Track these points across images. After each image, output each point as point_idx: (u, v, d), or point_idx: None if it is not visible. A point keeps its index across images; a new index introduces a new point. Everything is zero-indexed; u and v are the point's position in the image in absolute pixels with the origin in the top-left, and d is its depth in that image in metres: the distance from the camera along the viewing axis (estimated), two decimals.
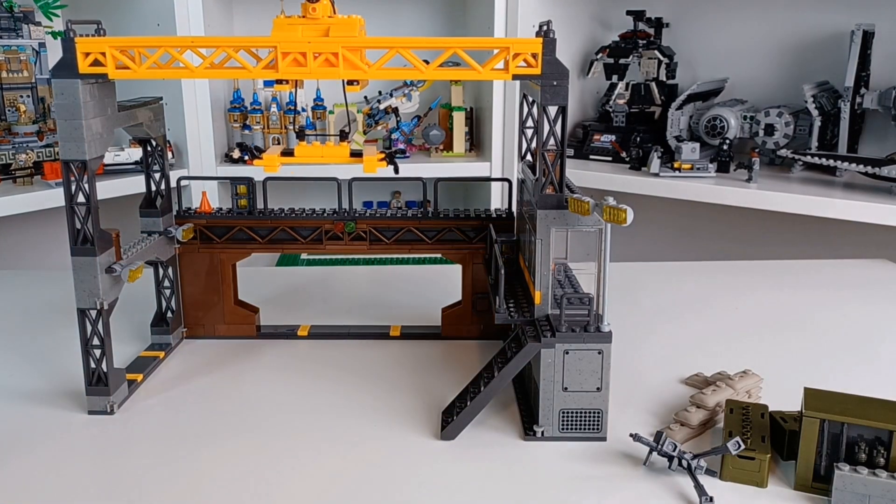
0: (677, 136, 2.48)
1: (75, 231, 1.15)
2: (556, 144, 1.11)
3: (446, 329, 1.49)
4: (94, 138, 1.12)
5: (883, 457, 0.95)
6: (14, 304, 1.71)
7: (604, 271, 1.08)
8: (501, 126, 2.56)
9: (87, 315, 1.17)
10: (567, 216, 1.10)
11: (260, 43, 1.10)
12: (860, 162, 2.19)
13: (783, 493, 0.99)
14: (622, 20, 2.71)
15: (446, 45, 1.09)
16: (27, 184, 2.22)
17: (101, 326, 1.17)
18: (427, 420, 1.18)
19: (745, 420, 1.07)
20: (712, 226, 2.79)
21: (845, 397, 1.00)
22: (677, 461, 1.01)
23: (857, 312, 1.64)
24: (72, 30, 1.09)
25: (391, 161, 1.24)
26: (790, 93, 2.54)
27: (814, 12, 2.55)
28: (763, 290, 1.78)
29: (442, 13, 2.89)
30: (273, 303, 1.64)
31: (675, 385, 1.30)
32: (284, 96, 2.65)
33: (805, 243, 2.59)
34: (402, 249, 1.45)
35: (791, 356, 1.42)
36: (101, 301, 1.16)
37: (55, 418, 1.20)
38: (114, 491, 1.02)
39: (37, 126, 2.31)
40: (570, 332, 1.09)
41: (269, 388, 1.30)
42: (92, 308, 1.17)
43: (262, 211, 1.45)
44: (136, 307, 1.51)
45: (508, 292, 1.24)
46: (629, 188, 2.42)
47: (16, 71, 2.30)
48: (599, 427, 1.12)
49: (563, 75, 1.08)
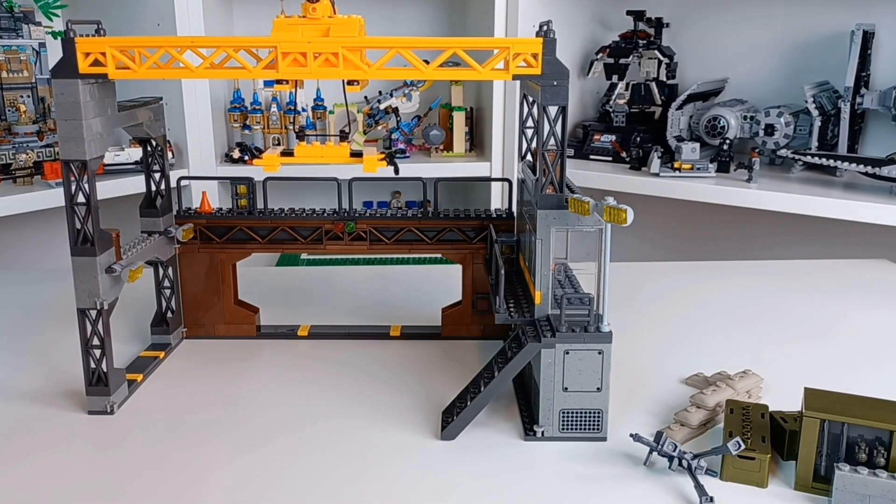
0: (677, 136, 2.48)
1: (75, 231, 1.15)
2: (556, 144, 1.11)
3: (446, 329, 1.49)
4: (94, 138, 1.12)
5: (883, 457, 0.95)
6: (14, 304, 1.71)
7: (604, 271, 1.08)
8: (501, 126, 2.56)
9: (87, 315, 1.17)
10: (567, 216, 1.10)
11: (260, 43, 1.10)
12: (860, 162, 2.19)
13: (783, 493, 0.99)
14: (622, 20, 2.71)
15: (446, 45, 1.09)
16: (27, 184, 2.22)
17: (101, 326, 1.17)
18: (427, 420, 1.18)
19: (745, 420, 1.07)
20: (712, 226, 2.79)
21: (845, 397, 1.00)
22: (677, 461, 1.01)
23: (858, 312, 1.64)
24: (72, 30, 1.09)
25: (391, 161, 1.24)
26: (790, 93, 2.53)
27: (814, 12, 2.54)
28: (763, 290, 1.78)
29: (442, 13, 2.89)
30: (273, 303, 1.64)
31: (675, 385, 1.30)
32: (284, 96, 2.65)
33: (805, 243, 2.59)
34: (402, 249, 1.45)
35: (791, 356, 1.42)
36: (101, 301, 1.16)
37: (55, 418, 1.20)
38: (114, 491, 1.02)
39: (37, 126, 2.30)
40: (571, 332, 1.09)
41: (269, 388, 1.30)
42: (92, 308, 1.17)
43: (262, 211, 1.45)
44: (136, 307, 1.51)
45: (508, 292, 1.24)
46: (629, 188, 2.42)
47: (16, 71, 2.30)
48: (599, 427, 1.12)
49: (563, 75, 1.08)
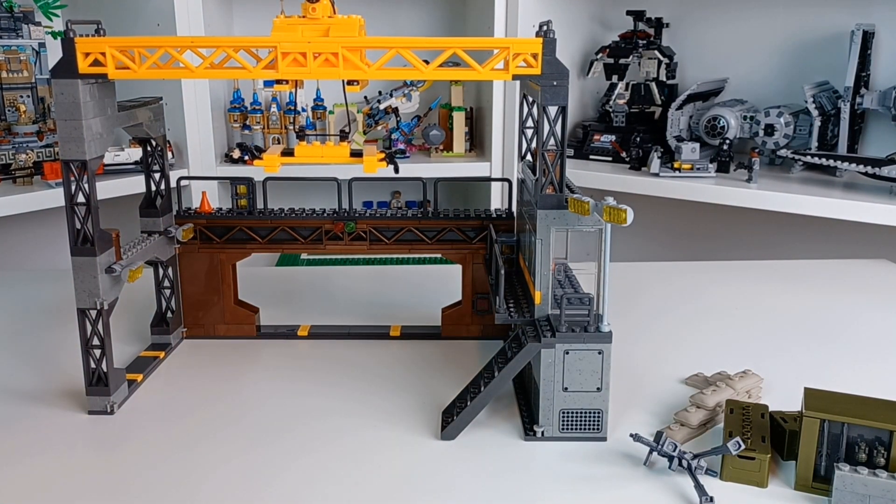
0: (677, 136, 2.48)
1: (75, 231, 1.15)
2: (556, 144, 1.11)
3: (446, 329, 1.49)
4: (93, 138, 1.12)
5: (883, 457, 0.95)
6: (14, 304, 1.71)
7: (604, 271, 1.08)
8: (501, 126, 2.56)
9: (87, 315, 1.17)
10: (567, 216, 1.10)
11: (260, 43, 1.10)
12: (860, 162, 2.19)
13: (783, 493, 0.99)
14: (622, 20, 2.70)
15: (446, 45, 1.09)
16: (27, 184, 2.22)
17: (101, 326, 1.17)
18: (427, 420, 1.18)
19: (745, 420, 1.07)
20: (712, 226, 2.79)
21: (845, 397, 1.00)
22: (677, 461, 1.01)
23: (858, 312, 1.64)
24: (72, 30, 1.09)
25: (391, 161, 1.23)
26: (790, 93, 2.53)
27: (814, 12, 2.54)
28: (763, 290, 1.78)
29: (442, 13, 2.89)
30: (273, 303, 1.64)
31: (675, 385, 1.30)
32: (284, 96, 2.65)
33: (805, 243, 2.59)
34: (402, 249, 1.45)
35: (791, 356, 1.42)
36: (101, 301, 1.16)
37: (55, 418, 1.20)
38: (114, 491, 1.02)
39: (37, 126, 2.30)
40: (570, 332, 1.09)
41: (268, 388, 1.30)
42: (92, 308, 1.17)
43: (262, 211, 1.45)
44: (136, 307, 1.52)
45: (508, 292, 1.24)
46: (629, 188, 2.42)
47: (16, 71, 2.30)
48: (599, 427, 1.11)
49: (563, 75, 1.08)
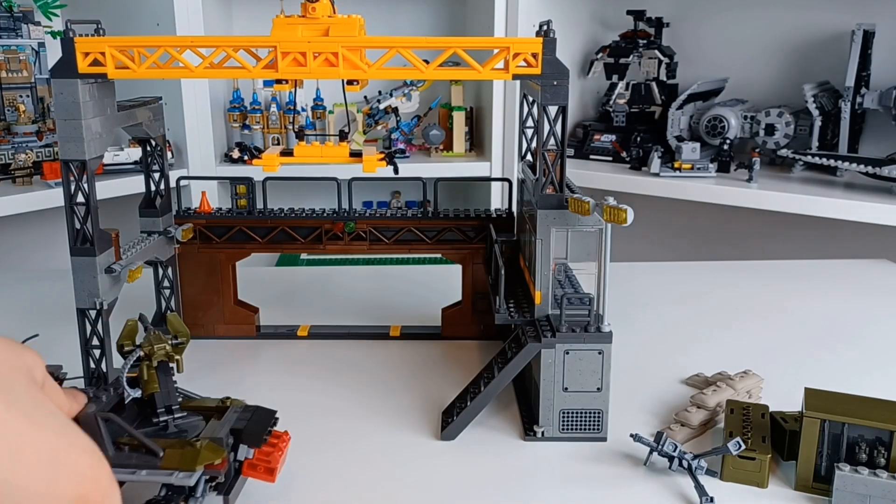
0: (678, 136, 2.48)
1: (75, 231, 1.14)
2: (556, 144, 1.11)
3: (446, 329, 1.49)
4: (93, 138, 1.12)
5: (884, 457, 0.95)
6: (14, 304, 1.71)
7: (604, 271, 1.08)
8: (501, 126, 2.56)
9: (86, 315, 1.17)
10: (567, 216, 1.10)
11: (259, 43, 1.10)
12: (860, 162, 2.19)
13: (783, 493, 0.99)
14: (622, 20, 2.71)
15: (446, 45, 1.09)
16: (27, 184, 2.22)
17: (101, 326, 1.17)
18: (427, 420, 1.18)
19: (745, 420, 1.07)
20: (712, 226, 2.79)
21: (846, 397, 1.00)
22: (678, 461, 1.01)
23: (858, 312, 1.64)
24: (71, 29, 1.09)
25: (391, 161, 1.23)
26: (790, 93, 2.53)
27: (814, 12, 2.55)
28: (763, 290, 1.78)
29: (442, 13, 2.89)
30: (273, 303, 1.64)
31: (676, 385, 1.30)
32: (284, 96, 2.65)
33: (805, 243, 2.59)
34: (402, 249, 1.45)
35: (791, 356, 1.42)
36: (100, 301, 1.16)
37: None
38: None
39: (36, 126, 2.31)
40: (571, 332, 1.09)
41: (268, 388, 1.30)
42: (91, 308, 1.16)
43: (261, 211, 1.45)
44: (135, 307, 1.51)
45: (508, 292, 1.24)
46: (629, 188, 2.42)
47: (15, 71, 2.30)
48: (600, 427, 1.11)
49: (563, 75, 1.08)
